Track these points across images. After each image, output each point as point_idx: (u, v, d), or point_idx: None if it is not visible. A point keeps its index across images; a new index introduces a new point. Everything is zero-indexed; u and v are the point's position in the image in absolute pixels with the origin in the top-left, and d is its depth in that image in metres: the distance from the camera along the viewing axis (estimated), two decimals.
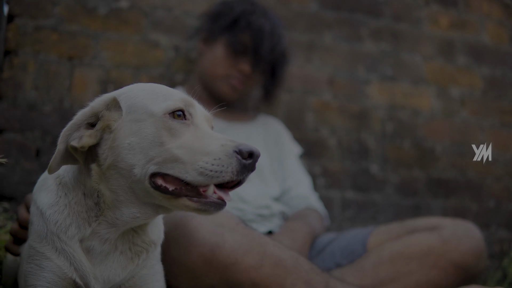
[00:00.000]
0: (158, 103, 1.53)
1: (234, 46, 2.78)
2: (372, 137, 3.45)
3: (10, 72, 2.90)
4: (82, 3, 3.06)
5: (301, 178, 2.85)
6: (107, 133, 1.54)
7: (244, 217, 2.45)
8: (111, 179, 1.54)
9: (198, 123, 1.56)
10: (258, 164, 2.67)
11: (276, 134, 2.96)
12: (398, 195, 3.44)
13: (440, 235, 2.26)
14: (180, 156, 1.46)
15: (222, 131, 2.77)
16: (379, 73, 3.55)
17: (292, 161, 2.89)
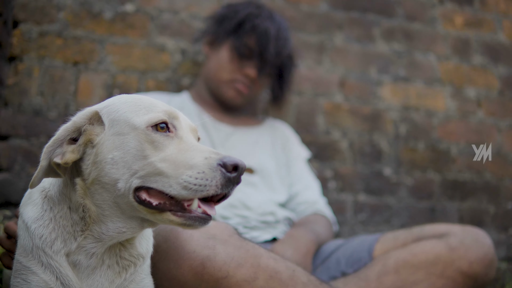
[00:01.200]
0: (140, 116, 1.48)
1: (239, 49, 2.72)
2: (385, 139, 3.38)
3: (15, 78, 2.87)
4: (87, 8, 3.02)
5: (309, 183, 2.79)
6: (90, 148, 1.50)
7: (248, 224, 2.40)
8: (95, 194, 1.49)
9: (182, 135, 1.50)
10: (264, 169, 2.66)
11: (284, 139, 2.90)
12: (413, 198, 3.37)
13: (447, 243, 2.18)
14: (163, 170, 1.41)
15: (228, 136, 2.73)
16: (392, 74, 3.47)
17: (300, 165, 2.83)
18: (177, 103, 2.76)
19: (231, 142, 2.72)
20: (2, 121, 2.83)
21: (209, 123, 2.72)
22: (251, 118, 2.98)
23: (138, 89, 3.02)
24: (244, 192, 2.52)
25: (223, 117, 2.82)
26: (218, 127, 2.74)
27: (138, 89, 3.02)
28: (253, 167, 2.66)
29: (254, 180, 2.63)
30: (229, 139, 2.73)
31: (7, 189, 2.74)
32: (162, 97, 2.79)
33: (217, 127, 2.74)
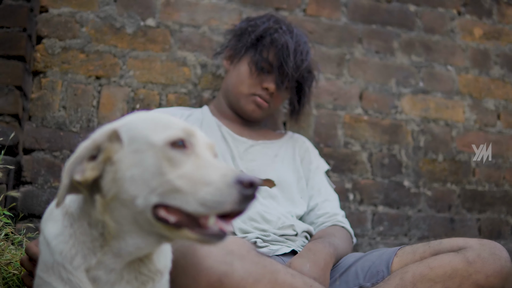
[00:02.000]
0: (158, 133, 1.48)
1: (258, 64, 2.72)
2: (404, 151, 3.37)
3: (39, 92, 2.90)
4: (109, 23, 3.04)
5: (328, 195, 2.78)
6: (109, 165, 1.49)
7: (267, 238, 2.39)
8: (115, 210, 1.49)
9: (199, 152, 1.49)
10: (284, 181, 2.67)
11: (303, 151, 2.90)
12: (432, 209, 3.35)
13: (465, 256, 2.17)
14: (181, 187, 1.41)
15: (247, 150, 2.74)
16: (411, 86, 3.46)
17: (319, 178, 2.83)
18: (197, 117, 2.77)
19: (250, 155, 2.72)
20: (26, 135, 2.86)
21: (229, 137, 2.73)
22: (271, 132, 2.98)
23: (159, 103, 3.04)
24: (263, 204, 2.53)
25: (242, 131, 2.82)
26: (237, 141, 2.74)
27: (159, 103, 3.04)
28: (273, 179, 2.66)
29: (274, 193, 2.62)
30: (249, 152, 2.73)
31: (31, 202, 2.77)
32: (183, 112, 2.80)
33: (236, 140, 2.74)
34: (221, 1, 3.24)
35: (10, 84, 3.07)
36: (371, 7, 3.49)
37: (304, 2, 3.38)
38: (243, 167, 2.63)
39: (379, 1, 3.51)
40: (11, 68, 3.06)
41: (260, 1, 3.30)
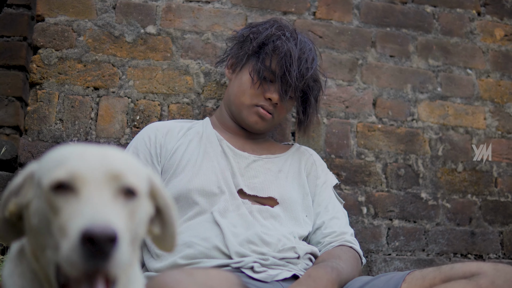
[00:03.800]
0: (47, 175, 1.27)
1: (261, 73, 2.54)
2: (421, 161, 3.17)
3: (35, 105, 2.77)
4: (108, 31, 2.90)
5: (336, 213, 2.58)
6: (25, 208, 1.33)
7: (265, 262, 2.20)
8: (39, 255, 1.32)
9: (84, 195, 1.25)
10: (287, 199, 2.47)
11: (310, 166, 2.70)
12: (451, 222, 3.14)
13: (477, 284, 1.95)
14: (56, 241, 1.21)
15: (249, 166, 2.55)
16: (429, 91, 3.25)
17: (327, 194, 2.63)
18: (197, 130, 2.61)
19: (252, 171, 2.54)
20: (22, 149, 2.73)
21: (230, 152, 2.55)
22: (276, 145, 2.80)
23: (160, 114, 2.89)
24: (264, 225, 2.34)
25: (244, 145, 2.64)
26: (239, 156, 2.56)
27: (161, 114, 2.88)
28: (276, 197, 2.47)
29: (277, 212, 2.43)
30: (251, 168, 2.55)
31: None
32: (183, 125, 2.64)
33: (238, 155, 2.56)
34: (225, 6, 3.07)
35: (10, 95, 2.97)
36: (385, 8, 3.29)
37: (313, 5, 3.19)
38: (244, 185, 2.45)
39: (393, 2, 3.31)
40: (11, 78, 2.97)
41: (267, 5, 3.12)
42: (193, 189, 2.37)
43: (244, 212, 2.34)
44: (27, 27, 3.06)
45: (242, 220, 2.32)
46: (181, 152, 2.49)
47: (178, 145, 2.52)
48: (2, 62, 3.11)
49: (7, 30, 3.13)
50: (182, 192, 2.37)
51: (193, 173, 2.42)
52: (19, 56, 3.09)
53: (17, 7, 3.22)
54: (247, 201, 2.41)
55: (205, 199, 2.36)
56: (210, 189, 2.38)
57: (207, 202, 2.36)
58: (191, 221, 2.33)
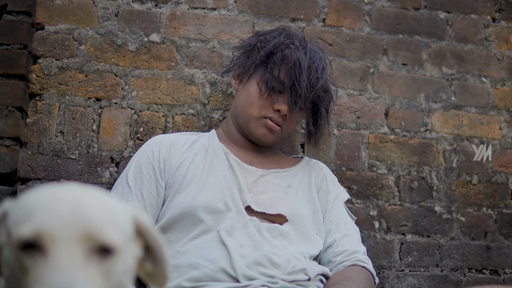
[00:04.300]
0: (18, 227, 1.15)
1: (269, 83, 2.43)
2: (435, 173, 3.05)
3: (34, 117, 2.66)
4: (110, 39, 2.79)
5: (348, 230, 2.47)
6: None
7: (274, 286, 2.09)
8: None
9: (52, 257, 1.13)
10: (297, 216, 2.34)
11: (321, 181, 2.58)
12: (466, 237, 3.03)
13: None
14: None
15: (257, 181, 2.44)
16: (442, 100, 3.14)
17: (338, 210, 2.52)
18: (203, 143, 2.50)
19: (260, 187, 2.42)
20: (21, 163, 2.62)
21: (237, 166, 2.44)
22: (285, 158, 2.68)
23: (164, 125, 2.78)
24: (272, 245, 2.23)
25: (252, 158, 2.53)
26: (246, 170, 2.45)
27: (165, 126, 2.77)
28: (285, 214, 2.36)
29: (286, 230, 2.32)
30: (259, 183, 2.43)
31: None
32: (188, 137, 2.53)
33: (245, 170, 2.45)
34: (231, 13, 2.96)
35: (10, 105, 2.89)
36: (397, 15, 3.17)
37: (323, 12, 3.08)
38: (252, 201, 2.34)
39: (406, 8, 3.19)
40: (11, 87, 2.88)
41: (275, 12, 3.01)
42: (198, 206, 2.26)
43: (252, 230, 2.23)
44: (27, 35, 2.96)
45: (250, 240, 2.20)
46: (186, 166, 2.38)
47: (182, 159, 2.41)
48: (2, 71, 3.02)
49: (7, 38, 3.03)
50: (187, 209, 2.26)
51: (198, 189, 2.31)
52: (19, 65, 3.00)
53: (17, 14, 3.12)
54: (255, 218, 2.30)
55: (211, 216, 2.25)
56: (216, 206, 2.27)
57: (213, 220, 2.24)
58: (196, 239, 2.22)
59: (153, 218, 2.33)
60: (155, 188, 2.35)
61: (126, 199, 2.31)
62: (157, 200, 2.35)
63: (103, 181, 2.65)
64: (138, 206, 2.29)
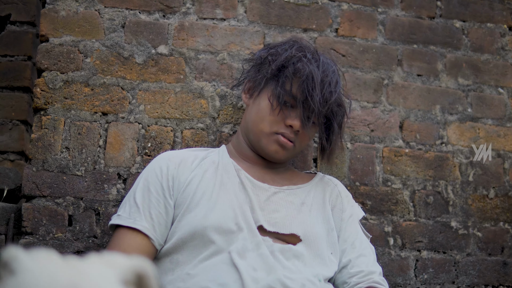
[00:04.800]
0: None
1: (280, 98, 2.33)
2: (451, 187, 2.97)
3: (39, 132, 2.58)
4: (117, 52, 2.70)
5: (363, 249, 2.37)
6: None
7: None
8: None
9: None
10: (311, 235, 2.24)
11: (335, 198, 2.49)
12: (483, 253, 2.94)
13: None
14: None
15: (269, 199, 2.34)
16: (459, 112, 3.05)
17: (353, 229, 2.42)
18: (213, 160, 2.40)
19: (272, 206, 2.32)
20: (26, 180, 2.54)
21: (248, 183, 2.34)
22: (298, 174, 2.59)
23: (173, 140, 2.69)
24: (286, 267, 2.14)
25: (264, 175, 2.44)
26: (258, 188, 2.35)
27: (174, 141, 2.69)
28: (299, 234, 2.27)
29: (300, 251, 2.22)
30: (271, 201, 2.34)
31: None
32: (197, 154, 2.43)
33: (257, 187, 2.35)
34: (242, 23, 2.87)
35: (14, 118, 2.82)
36: (412, 24, 3.08)
37: (335, 22, 2.99)
38: (264, 220, 2.24)
39: (420, 17, 3.10)
40: (15, 100, 2.81)
41: (286, 22, 2.92)
42: (208, 226, 2.17)
43: (264, 252, 2.14)
44: (32, 46, 2.88)
45: (263, 262, 2.11)
46: (195, 184, 2.29)
47: (192, 177, 2.32)
48: (6, 83, 2.95)
49: (11, 49, 2.96)
50: (197, 230, 2.17)
51: (208, 208, 2.22)
52: (23, 77, 2.93)
53: (21, 24, 3.05)
54: (267, 238, 2.21)
55: (222, 237, 2.16)
56: (227, 226, 2.18)
57: (224, 241, 2.15)
58: (206, 261, 2.13)
59: (162, 238, 2.25)
60: (163, 207, 2.26)
61: (134, 219, 2.23)
62: (166, 219, 2.26)
63: (110, 198, 2.57)
64: (146, 226, 2.21)
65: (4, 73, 2.96)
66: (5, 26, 2.99)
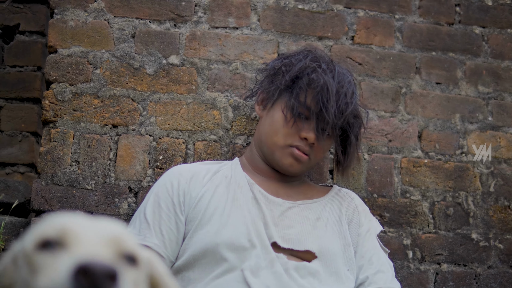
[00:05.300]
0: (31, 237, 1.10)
1: (295, 109, 2.26)
2: (471, 198, 2.88)
3: (48, 145, 2.53)
4: (127, 62, 2.65)
5: (381, 265, 2.29)
6: None
7: None
8: None
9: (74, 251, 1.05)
10: (327, 252, 2.16)
11: (352, 212, 2.40)
12: (504, 265, 2.86)
13: None
14: None
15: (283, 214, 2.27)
16: (479, 121, 2.97)
17: (370, 244, 2.34)
18: (225, 174, 2.34)
19: (287, 221, 2.25)
20: (35, 194, 2.49)
21: (262, 198, 2.27)
22: (313, 187, 2.51)
23: (185, 153, 2.63)
24: (301, 286, 2.07)
25: (278, 189, 2.36)
26: (272, 203, 2.28)
27: (186, 153, 2.63)
28: (314, 251, 2.19)
29: (315, 268, 2.15)
30: (286, 216, 2.26)
31: None
32: (209, 167, 2.37)
33: (271, 202, 2.28)
34: (255, 32, 2.80)
35: (24, 130, 2.78)
36: (430, 31, 3.00)
37: (351, 29, 2.91)
38: (278, 236, 2.17)
39: (439, 23, 3.02)
40: (25, 112, 2.77)
41: (301, 30, 2.84)
42: (221, 243, 2.10)
43: (278, 270, 2.07)
44: (41, 56, 2.83)
45: (277, 280, 2.05)
46: (207, 199, 2.22)
47: (203, 192, 2.25)
48: (15, 94, 2.91)
49: (20, 59, 2.92)
50: (209, 247, 2.11)
51: (220, 224, 2.15)
52: (33, 88, 2.89)
53: (30, 34, 3.00)
54: (281, 255, 2.13)
55: (234, 254, 2.09)
56: (240, 243, 2.11)
57: (237, 258, 2.08)
58: (219, 279, 2.06)
59: (173, 255, 2.18)
60: (174, 223, 2.20)
61: (144, 236, 2.17)
62: (176, 236, 2.20)
63: (121, 213, 2.52)
64: (156, 242, 2.15)
65: (14, 84, 2.92)
66: (14, 36, 2.94)
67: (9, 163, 2.90)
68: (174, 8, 2.74)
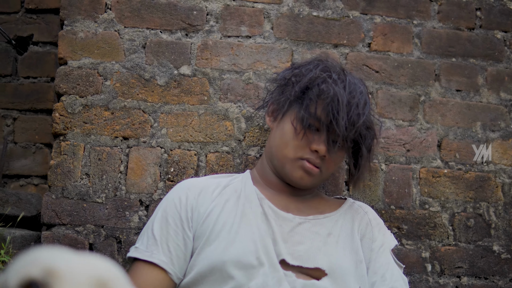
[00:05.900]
0: (16, 274, 1.05)
1: (305, 121, 2.19)
2: (493, 209, 2.80)
3: (58, 158, 2.50)
4: (137, 73, 2.60)
5: (394, 282, 2.20)
6: None
7: None
8: None
9: None
10: (338, 269, 2.08)
11: (365, 227, 2.32)
12: None
13: None
14: None
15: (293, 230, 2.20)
16: (501, 129, 2.87)
17: (384, 260, 2.26)
18: (235, 188, 2.27)
19: (297, 237, 2.18)
20: (45, 208, 2.47)
21: (271, 213, 2.21)
22: (326, 200, 2.43)
23: (197, 165, 2.58)
24: None
25: (289, 204, 2.30)
26: (282, 218, 2.21)
27: (197, 165, 2.58)
28: (324, 268, 2.12)
29: (324, 286, 2.07)
30: (296, 232, 2.19)
31: None
32: (219, 181, 2.31)
33: (281, 217, 2.21)
34: (268, 40, 2.74)
35: (38, 141, 2.77)
36: (450, 36, 2.91)
37: (368, 36, 2.83)
38: (287, 253, 2.10)
39: (459, 29, 2.93)
40: (39, 123, 2.76)
41: (315, 38, 2.78)
42: (228, 260, 2.04)
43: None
44: (55, 67, 2.81)
45: None
46: (216, 215, 2.17)
47: (212, 207, 2.19)
48: (29, 105, 2.90)
49: (33, 70, 2.91)
50: (216, 265, 2.05)
51: (228, 241, 2.09)
52: (46, 99, 2.88)
53: (44, 45, 2.98)
54: (290, 273, 2.07)
55: (241, 272, 2.03)
56: (248, 261, 2.04)
57: (244, 276, 2.02)
58: None
59: (181, 272, 2.14)
60: (182, 239, 2.15)
61: (151, 252, 2.12)
62: (184, 252, 2.15)
63: (132, 226, 2.48)
64: (164, 259, 2.11)
65: (27, 95, 2.91)
66: (27, 46, 2.92)
67: (23, 175, 2.88)
68: (185, 18, 2.70)
